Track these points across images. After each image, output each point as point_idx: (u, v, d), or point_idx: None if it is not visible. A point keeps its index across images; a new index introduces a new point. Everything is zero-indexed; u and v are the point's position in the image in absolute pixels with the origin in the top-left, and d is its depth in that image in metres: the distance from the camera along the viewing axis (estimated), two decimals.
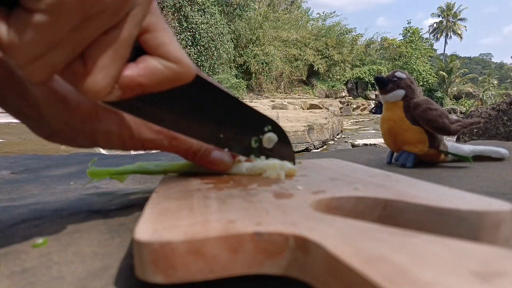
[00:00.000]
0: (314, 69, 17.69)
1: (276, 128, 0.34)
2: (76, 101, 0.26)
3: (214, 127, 0.30)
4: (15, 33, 0.17)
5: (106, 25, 0.19)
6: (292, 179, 0.31)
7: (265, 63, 15.21)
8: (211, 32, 13.57)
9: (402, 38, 23.13)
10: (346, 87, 18.92)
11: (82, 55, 0.20)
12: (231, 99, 0.30)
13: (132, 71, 0.22)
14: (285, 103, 11.98)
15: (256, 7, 16.14)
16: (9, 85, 0.24)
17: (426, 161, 0.65)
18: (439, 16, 38.20)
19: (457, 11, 37.00)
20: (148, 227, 0.19)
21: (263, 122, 0.33)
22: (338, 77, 18.73)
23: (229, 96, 0.30)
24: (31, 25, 0.17)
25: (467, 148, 0.66)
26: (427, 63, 21.80)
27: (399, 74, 0.66)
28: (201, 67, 13.47)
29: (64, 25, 0.17)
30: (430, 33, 38.30)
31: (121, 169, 0.34)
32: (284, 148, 0.35)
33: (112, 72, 0.20)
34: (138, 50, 0.22)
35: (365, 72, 18.56)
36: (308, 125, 5.66)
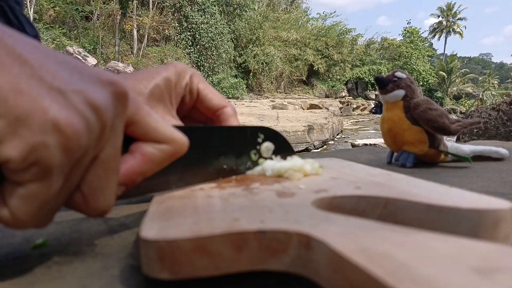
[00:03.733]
0: (314, 69, 17.69)
1: (268, 132, 0.35)
2: None
3: (216, 164, 0.31)
4: (15, 210, 0.17)
5: (92, 156, 0.19)
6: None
7: (265, 63, 15.20)
8: (211, 32, 13.55)
9: (402, 38, 23.13)
10: (346, 87, 18.91)
11: (78, 186, 0.20)
12: (219, 130, 0.32)
13: (130, 164, 0.22)
14: (285, 103, 11.98)
15: (256, 7, 16.13)
16: None
17: (426, 161, 0.66)
18: (439, 16, 38.20)
19: (457, 11, 37.00)
20: (154, 226, 0.20)
21: (254, 134, 0.34)
22: (338, 77, 18.73)
23: (215, 128, 0.31)
24: (27, 197, 0.17)
25: (467, 148, 0.66)
26: (427, 63, 21.79)
27: (399, 74, 0.67)
28: (201, 67, 13.47)
29: (57, 183, 0.17)
30: (430, 33, 38.30)
31: None
32: (281, 145, 0.35)
33: (110, 189, 0.20)
34: (127, 138, 0.22)
35: (365, 72, 18.56)
36: (308, 125, 5.66)
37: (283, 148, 0.35)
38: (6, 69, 0.16)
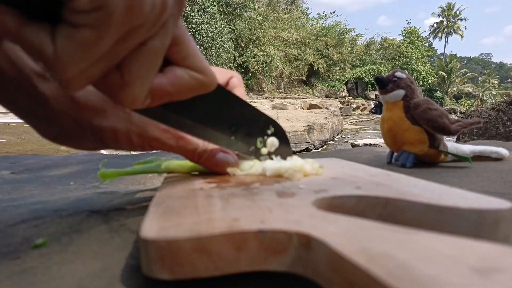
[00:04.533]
0: (314, 69, 17.69)
1: (277, 128, 0.35)
2: (85, 97, 0.26)
3: (227, 130, 0.32)
4: (61, 50, 0.17)
5: (144, 36, 0.19)
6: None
7: (265, 63, 15.21)
8: (211, 32, 13.56)
9: (402, 38, 23.13)
10: (346, 87, 18.91)
11: (118, 66, 0.20)
12: (240, 102, 0.32)
13: (162, 80, 0.22)
14: (285, 103, 11.98)
15: (256, 7, 16.13)
16: (18, 83, 0.25)
17: (426, 161, 0.66)
18: (439, 16, 38.21)
19: (458, 11, 37.01)
20: (154, 225, 0.20)
21: (266, 123, 0.35)
22: (338, 77, 18.72)
23: (238, 99, 0.32)
24: (78, 41, 0.17)
25: (467, 148, 0.66)
26: (427, 63, 21.79)
27: (399, 74, 0.67)
28: None
29: (110, 39, 0.18)
30: (430, 33, 38.31)
31: (130, 170, 0.35)
32: (283, 146, 0.36)
33: (147, 82, 0.21)
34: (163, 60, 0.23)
35: (365, 72, 18.55)
36: (308, 125, 5.66)
37: (284, 148, 0.36)
38: None
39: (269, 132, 0.35)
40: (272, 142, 0.35)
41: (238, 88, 0.36)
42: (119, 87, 0.20)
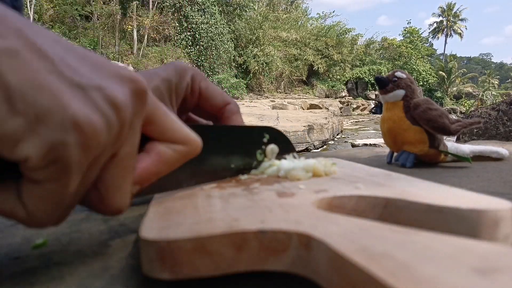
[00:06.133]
0: (314, 69, 17.69)
1: (272, 133, 0.35)
2: None
3: (224, 162, 0.31)
4: (32, 209, 0.17)
5: (110, 154, 0.19)
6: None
7: (265, 63, 15.20)
8: (211, 32, 13.55)
9: (402, 38, 23.13)
10: (346, 87, 18.91)
11: (94, 183, 0.20)
12: (228, 130, 0.32)
13: (146, 163, 0.21)
14: (285, 103, 11.97)
15: (256, 7, 16.13)
16: None
17: (426, 161, 0.66)
18: (439, 16, 38.22)
19: (458, 11, 37.02)
20: (154, 226, 0.20)
21: (260, 133, 0.34)
22: (338, 77, 18.72)
23: (223, 127, 0.32)
24: (46, 197, 0.17)
25: (467, 148, 0.66)
26: (427, 63, 21.79)
27: (399, 74, 0.67)
28: (201, 67, 13.47)
29: (75, 182, 0.17)
30: (430, 32, 38.30)
31: None
32: (284, 145, 0.36)
33: (126, 188, 0.20)
34: (142, 136, 0.22)
35: (365, 72, 18.55)
36: (308, 125, 5.66)
37: (286, 148, 0.36)
38: (25, 63, 0.15)
39: (264, 140, 0.34)
40: (272, 149, 0.35)
41: (236, 115, 0.36)
42: (100, 203, 0.20)
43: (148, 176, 0.22)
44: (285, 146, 0.36)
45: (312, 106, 12.58)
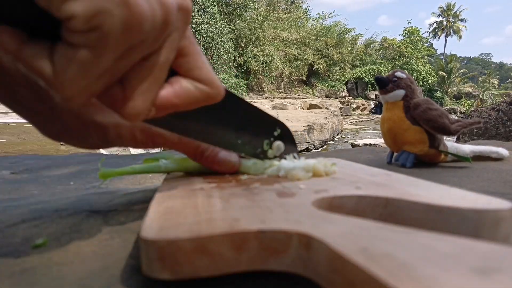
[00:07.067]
0: (314, 69, 17.68)
1: (284, 131, 0.36)
2: None
3: (234, 134, 0.32)
4: (60, 71, 0.17)
5: (146, 52, 0.19)
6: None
7: (265, 63, 15.20)
8: (211, 32, 13.56)
9: (402, 38, 23.13)
10: (346, 87, 18.90)
11: (121, 80, 0.20)
12: (246, 105, 0.32)
13: (167, 92, 0.22)
14: (285, 103, 11.98)
15: (256, 7, 16.13)
16: (20, 79, 0.25)
17: (426, 161, 0.66)
18: (439, 16, 38.21)
19: (458, 11, 37.01)
20: (154, 226, 0.20)
21: (273, 125, 0.35)
22: (338, 77, 18.71)
23: (245, 102, 0.32)
24: (76, 61, 0.17)
25: (467, 148, 0.66)
26: (427, 63, 21.79)
27: (399, 74, 0.67)
28: None
29: (108, 58, 0.18)
30: (430, 32, 38.29)
31: (129, 169, 0.35)
32: (289, 148, 0.36)
33: (150, 96, 0.21)
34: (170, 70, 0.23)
35: (365, 72, 18.54)
36: (308, 125, 5.66)
37: (290, 150, 0.36)
38: None
39: (275, 133, 0.35)
40: (278, 146, 0.35)
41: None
42: (121, 101, 0.20)
43: (166, 104, 0.22)
44: (291, 148, 0.36)
45: (312, 106, 12.58)
